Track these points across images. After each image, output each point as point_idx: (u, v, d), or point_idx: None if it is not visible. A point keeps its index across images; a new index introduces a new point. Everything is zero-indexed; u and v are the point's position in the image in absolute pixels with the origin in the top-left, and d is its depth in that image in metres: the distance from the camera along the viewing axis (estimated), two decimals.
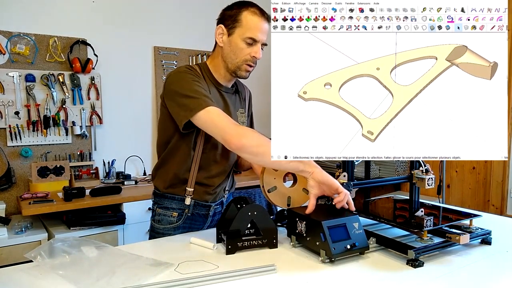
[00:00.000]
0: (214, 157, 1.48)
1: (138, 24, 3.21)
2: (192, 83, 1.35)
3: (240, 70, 1.42)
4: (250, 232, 1.29)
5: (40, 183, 2.67)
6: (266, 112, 1.45)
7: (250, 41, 1.38)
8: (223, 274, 1.06)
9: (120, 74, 3.13)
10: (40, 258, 1.11)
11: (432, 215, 1.24)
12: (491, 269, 1.13)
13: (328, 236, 1.13)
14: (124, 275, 1.04)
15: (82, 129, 2.95)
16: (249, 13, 1.38)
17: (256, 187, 2.84)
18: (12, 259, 2.17)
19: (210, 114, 1.29)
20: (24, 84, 2.74)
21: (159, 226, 1.50)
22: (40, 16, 2.81)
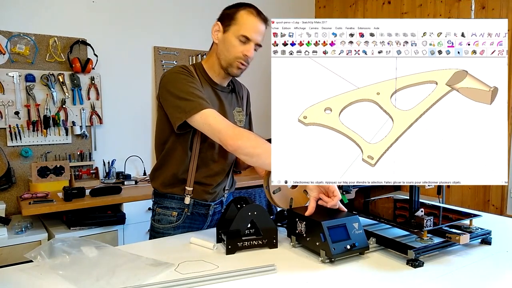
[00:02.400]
0: (212, 157, 1.48)
1: (138, 24, 3.21)
2: (187, 85, 1.35)
3: (232, 67, 1.43)
4: (250, 232, 1.29)
5: (40, 183, 2.67)
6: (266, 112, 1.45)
7: (243, 39, 1.39)
8: (223, 274, 1.06)
9: (120, 74, 3.13)
10: (40, 258, 1.11)
11: (432, 215, 1.24)
12: (491, 269, 1.13)
13: (328, 236, 1.13)
14: (124, 275, 1.04)
15: (82, 129, 2.95)
16: (246, 13, 1.40)
17: (256, 187, 2.84)
18: (12, 259, 2.17)
19: (206, 116, 1.30)
20: (24, 84, 2.74)
21: (159, 226, 1.50)
22: (40, 16, 2.81)
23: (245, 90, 1.67)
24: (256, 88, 3.59)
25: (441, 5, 3.24)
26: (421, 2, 3.37)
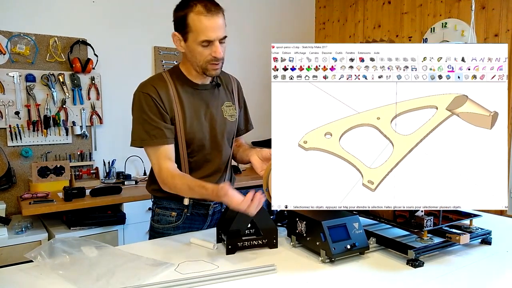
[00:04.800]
0: (204, 157, 1.47)
1: (138, 24, 3.21)
2: (144, 115, 1.38)
3: (208, 70, 1.39)
4: (250, 232, 1.29)
5: (40, 183, 2.67)
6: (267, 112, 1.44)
7: (205, 43, 1.33)
8: (223, 274, 1.06)
9: (120, 74, 3.13)
10: (40, 258, 1.11)
11: (432, 215, 1.24)
12: (491, 269, 1.13)
13: (328, 236, 1.13)
14: (124, 275, 1.04)
15: (82, 129, 2.95)
16: (195, 15, 1.30)
17: (256, 187, 2.84)
18: (12, 259, 2.17)
19: (148, 153, 1.40)
20: (24, 84, 2.74)
21: (159, 226, 1.50)
22: (40, 16, 2.81)
23: (235, 82, 1.61)
24: (258, 86, 3.59)
25: (441, 5, 3.24)
26: (421, 2, 3.37)
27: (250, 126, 1.67)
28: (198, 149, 1.46)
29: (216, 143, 1.48)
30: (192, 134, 1.42)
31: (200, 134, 1.44)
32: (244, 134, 1.66)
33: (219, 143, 1.49)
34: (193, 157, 1.46)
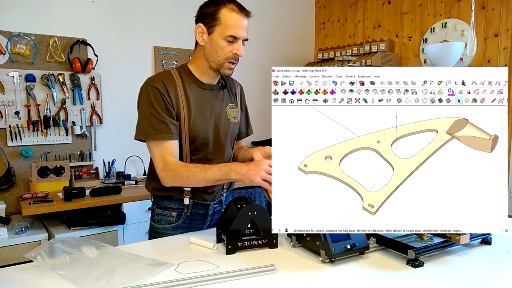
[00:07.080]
0: (206, 156, 1.48)
1: (138, 24, 3.21)
2: (151, 108, 1.38)
3: (223, 68, 1.41)
4: (250, 232, 1.29)
5: (40, 183, 2.67)
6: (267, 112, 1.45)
7: (231, 39, 1.36)
8: (223, 274, 1.06)
9: (120, 74, 3.13)
10: (40, 258, 1.11)
11: None
12: (491, 269, 1.13)
13: (328, 236, 1.13)
14: (124, 275, 1.04)
15: (82, 129, 2.95)
16: (228, 10, 1.35)
17: (256, 187, 2.84)
18: (12, 259, 2.17)
19: (152, 148, 1.40)
20: (24, 84, 2.74)
21: (159, 226, 1.50)
22: (40, 16, 2.81)
23: (238, 86, 1.64)
24: (258, 88, 3.60)
25: (441, 5, 3.24)
26: (421, 2, 3.37)
27: (250, 130, 1.69)
28: (201, 147, 1.46)
29: (219, 143, 1.49)
30: (196, 132, 1.43)
31: (204, 132, 1.44)
32: (245, 138, 1.67)
33: (222, 143, 1.49)
34: (195, 155, 1.46)
